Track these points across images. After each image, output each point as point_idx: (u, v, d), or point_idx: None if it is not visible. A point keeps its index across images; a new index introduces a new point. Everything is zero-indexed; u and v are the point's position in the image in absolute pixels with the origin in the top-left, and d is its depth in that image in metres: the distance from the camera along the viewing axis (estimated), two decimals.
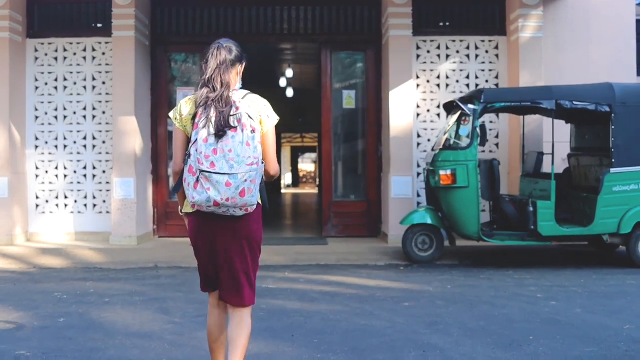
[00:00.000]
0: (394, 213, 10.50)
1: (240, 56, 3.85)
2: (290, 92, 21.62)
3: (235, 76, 3.80)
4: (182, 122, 3.73)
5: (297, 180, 50.12)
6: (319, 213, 13.69)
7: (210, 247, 3.72)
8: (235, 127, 3.50)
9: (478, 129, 8.59)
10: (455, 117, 9.11)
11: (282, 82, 20.56)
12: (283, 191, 38.39)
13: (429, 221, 9.06)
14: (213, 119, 3.50)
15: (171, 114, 3.79)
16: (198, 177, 3.46)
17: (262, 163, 3.59)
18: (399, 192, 10.53)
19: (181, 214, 3.86)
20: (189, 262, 9.05)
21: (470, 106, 8.71)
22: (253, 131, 3.55)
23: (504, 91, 9.20)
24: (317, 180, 40.86)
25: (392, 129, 10.56)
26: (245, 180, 3.47)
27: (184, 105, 3.74)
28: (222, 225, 3.64)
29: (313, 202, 24.95)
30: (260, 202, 3.74)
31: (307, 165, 53.49)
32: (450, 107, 9.57)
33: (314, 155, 48.86)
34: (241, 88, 3.86)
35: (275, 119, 3.79)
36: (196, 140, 3.50)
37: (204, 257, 3.78)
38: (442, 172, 8.70)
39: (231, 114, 3.53)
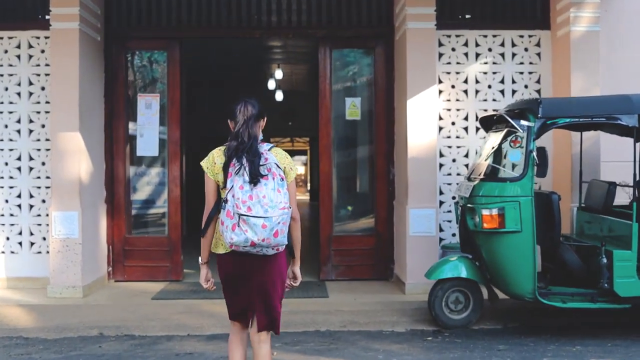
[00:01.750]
0: (412, 255, 8.23)
1: (262, 112, 4.29)
2: (279, 96, 19.38)
3: (259, 129, 4.23)
4: (213, 171, 4.19)
5: None
6: (313, 237, 11.22)
7: (243, 283, 4.17)
8: (267, 176, 3.96)
9: (535, 154, 6.31)
10: (500, 135, 6.82)
11: (271, 85, 18.31)
12: None
13: (465, 274, 6.79)
14: (246, 168, 3.96)
15: (203, 163, 4.22)
16: (236, 221, 3.86)
17: (290, 207, 4.03)
18: (419, 229, 8.23)
19: (200, 264, 4.34)
20: (145, 327, 6.96)
21: (524, 122, 6.42)
22: (282, 179, 4.04)
23: (568, 103, 6.86)
24: (309, 184, 39.02)
25: (410, 148, 8.25)
26: (279, 223, 3.91)
27: (216, 156, 4.20)
28: (255, 263, 4.09)
29: (306, 216, 22.64)
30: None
31: (297, 167, 51.90)
32: (490, 122, 7.29)
33: (304, 158, 47.36)
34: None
35: (296, 171, 4.28)
36: (232, 187, 3.95)
37: (236, 292, 4.23)
38: (485, 212, 6.40)
39: (261, 163, 3.99)
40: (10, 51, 8.83)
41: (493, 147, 6.77)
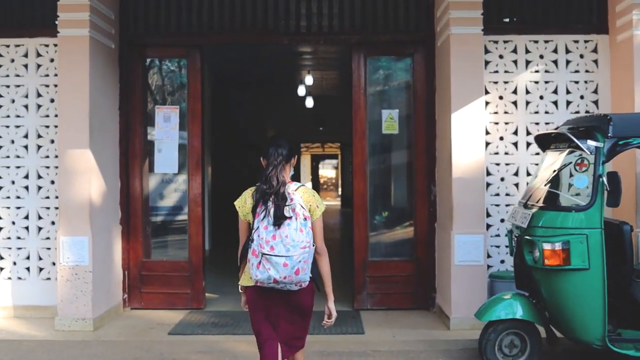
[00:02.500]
0: (457, 286, 7.39)
1: (293, 152, 4.49)
2: (310, 102, 18.64)
3: (289, 169, 4.49)
4: (244, 211, 4.43)
5: (317, 189, 47.68)
6: (345, 249, 10.25)
7: (269, 314, 4.41)
8: (291, 217, 4.18)
9: (605, 179, 5.45)
10: (561, 156, 5.97)
11: (301, 91, 17.58)
12: None
13: (521, 315, 5.94)
14: (271, 211, 4.20)
15: (236, 203, 4.48)
16: (260, 259, 4.13)
17: (313, 246, 4.25)
18: (466, 257, 7.39)
19: (240, 290, 4.59)
20: None
21: (591, 143, 5.55)
22: (305, 219, 4.23)
23: None
24: (340, 189, 38.28)
25: (455, 167, 7.41)
26: (299, 261, 4.13)
27: (247, 196, 4.43)
28: (279, 297, 4.33)
29: (337, 225, 21.86)
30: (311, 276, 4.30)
31: (327, 171, 51.69)
32: (547, 140, 6.42)
33: (334, 161, 46.89)
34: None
35: (323, 208, 4.43)
36: (258, 227, 4.19)
37: (263, 323, 4.43)
38: (546, 247, 5.54)
39: (286, 204, 4.22)
40: (17, 60, 8.12)
41: (554, 170, 5.91)
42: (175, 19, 8.49)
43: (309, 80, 15.43)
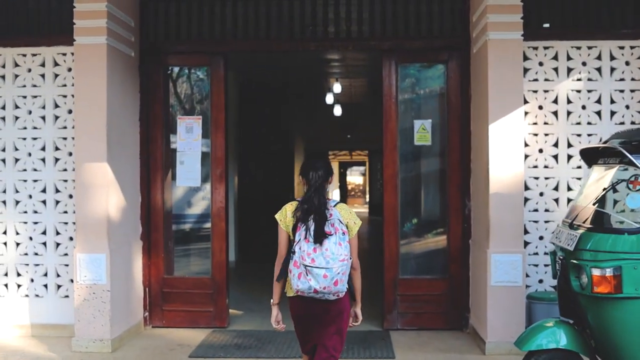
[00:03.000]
0: (493, 308, 6.97)
1: (330, 172, 4.80)
2: (338, 111, 18.31)
3: (327, 187, 4.76)
4: (285, 223, 4.70)
5: (344, 196, 47.42)
6: (374, 269, 9.85)
7: (308, 322, 4.71)
8: (334, 232, 4.48)
9: None
10: (610, 173, 5.51)
11: (329, 99, 17.26)
12: None
13: (565, 345, 5.46)
14: (312, 228, 4.48)
15: (277, 216, 4.74)
16: (302, 270, 4.43)
17: (350, 258, 4.54)
18: (503, 278, 6.95)
19: (272, 304, 4.85)
20: None
21: None
22: (344, 233, 4.52)
23: None
24: (367, 196, 37.91)
25: (492, 182, 6.98)
26: (338, 273, 4.42)
27: (288, 210, 4.71)
28: (319, 306, 4.59)
29: (364, 234, 21.44)
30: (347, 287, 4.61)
31: (355, 177, 51.50)
32: (593, 155, 5.96)
33: (362, 168, 46.61)
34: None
35: (359, 224, 4.72)
36: (299, 240, 4.48)
37: (304, 330, 4.78)
38: (595, 272, 5.07)
39: (326, 217, 4.53)
40: (33, 70, 7.83)
41: (603, 189, 5.46)
42: (197, 26, 8.16)
43: (337, 88, 15.08)
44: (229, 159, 8.46)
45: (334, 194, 45.12)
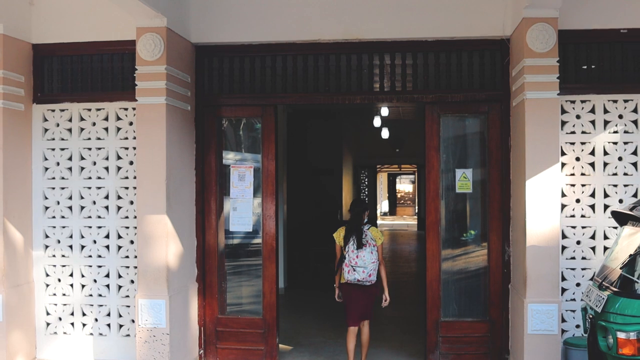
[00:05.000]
0: (530, 355, 7.31)
1: (365, 208, 8.17)
2: (385, 134, 18.75)
3: (364, 217, 8.03)
4: (339, 239, 8.01)
5: (394, 206, 47.37)
6: (420, 291, 10.32)
7: (354, 299, 7.99)
8: (366, 244, 7.80)
9: None
10: (638, 237, 5.81)
11: (377, 122, 17.74)
12: (379, 222, 35.40)
13: None
14: (355, 241, 7.80)
15: (334, 235, 8.06)
16: (350, 268, 7.75)
17: (378, 261, 7.90)
18: (539, 327, 7.28)
19: (335, 285, 8.19)
20: None
21: None
22: (374, 246, 7.83)
23: None
24: (417, 207, 38.05)
25: (529, 236, 7.31)
26: (370, 270, 7.77)
27: (340, 231, 8.03)
28: (360, 289, 7.93)
29: (412, 253, 21.73)
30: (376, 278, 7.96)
31: (405, 185, 51.34)
32: (624, 216, 6.26)
33: (412, 177, 46.50)
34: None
35: (383, 239, 8.07)
36: (348, 249, 7.81)
37: (351, 305, 8.03)
38: (621, 336, 5.39)
39: (363, 237, 7.83)
40: (98, 124, 8.43)
41: (630, 255, 5.76)
42: (249, 80, 8.64)
43: (384, 111, 15.52)
44: (278, 183, 8.89)
45: (383, 204, 45.33)
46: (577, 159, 7.85)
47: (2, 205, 7.88)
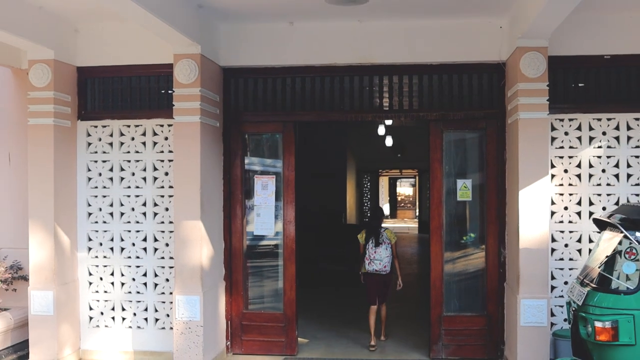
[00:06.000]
0: (523, 344, 8.27)
1: (382, 215, 10.90)
2: (389, 141, 19.71)
3: (382, 221, 10.53)
4: (362, 239, 10.33)
5: (394, 209, 48.09)
6: (423, 291, 11.42)
7: (373, 285, 10.34)
8: (382, 243, 10.15)
9: None
10: (614, 241, 6.78)
11: (381, 130, 18.69)
12: None
13: None
14: (374, 240, 10.18)
15: (358, 236, 10.46)
16: (370, 260, 10.13)
17: (391, 255, 10.27)
18: (530, 319, 8.25)
19: (360, 273, 10.53)
20: None
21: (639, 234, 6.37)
22: (388, 244, 10.17)
23: None
24: (417, 210, 38.92)
25: (522, 240, 8.29)
26: (386, 262, 10.17)
27: (364, 232, 10.40)
28: (377, 277, 10.26)
29: (414, 255, 22.69)
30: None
31: (405, 189, 51.76)
32: (603, 223, 7.24)
33: (412, 180, 47.05)
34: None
35: (395, 238, 10.44)
36: (368, 247, 10.19)
37: (371, 290, 10.38)
38: (598, 324, 6.36)
39: (380, 236, 10.19)
40: (136, 138, 9.40)
41: (606, 256, 6.74)
42: (272, 99, 9.59)
43: (388, 121, 16.44)
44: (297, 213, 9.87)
45: (385, 207, 46.15)
46: (565, 171, 8.83)
47: (53, 211, 8.85)
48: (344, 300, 13.40)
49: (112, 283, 9.48)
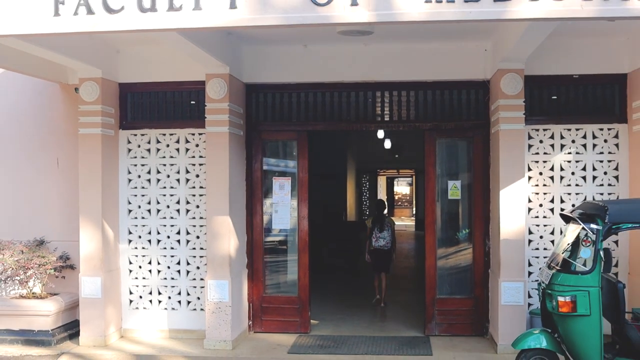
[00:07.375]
0: (503, 321, 9.73)
1: (385, 206, 14.48)
2: (388, 144, 21.13)
3: (384, 210, 14.24)
4: (369, 224, 13.95)
5: (391, 207, 49.21)
6: (418, 283, 13.15)
7: (376, 259, 13.83)
8: (386, 227, 13.71)
9: (602, 253, 7.73)
10: (575, 232, 8.26)
11: (380, 134, 20.12)
12: None
13: (545, 345, 8.19)
14: (379, 225, 13.78)
15: (367, 222, 14.48)
16: (375, 239, 13.80)
17: (392, 237, 13.84)
18: (510, 299, 9.73)
19: (366, 251, 14.02)
20: None
21: (593, 226, 7.83)
22: (389, 229, 13.88)
23: (632, 209, 8.26)
24: (414, 208, 40.10)
25: (502, 232, 9.77)
26: (387, 241, 13.70)
27: (371, 220, 14.06)
28: (382, 252, 13.76)
29: (411, 251, 24.16)
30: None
31: (402, 188, 52.50)
32: (567, 217, 8.72)
33: (409, 179, 48.00)
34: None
35: (395, 224, 14.37)
36: (374, 230, 13.74)
37: (375, 262, 13.91)
38: (560, 299, 7.84)
39: (384, 222, 13.75)
40: (171, 145, 10.87)
41: (569, 244, 8.23)
42: (287, 112, 11.07)
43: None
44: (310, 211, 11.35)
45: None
46: (540, 173, 10.32)
47: (101, 208, 10.32)
48: (346, 289, 14.97)
49: (150, 271, 10.94)
